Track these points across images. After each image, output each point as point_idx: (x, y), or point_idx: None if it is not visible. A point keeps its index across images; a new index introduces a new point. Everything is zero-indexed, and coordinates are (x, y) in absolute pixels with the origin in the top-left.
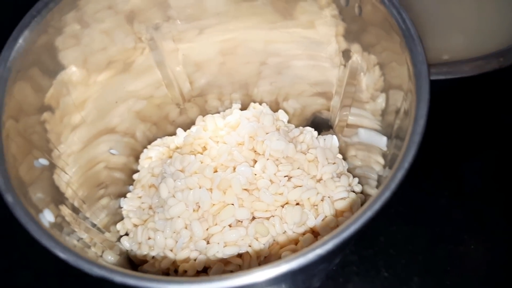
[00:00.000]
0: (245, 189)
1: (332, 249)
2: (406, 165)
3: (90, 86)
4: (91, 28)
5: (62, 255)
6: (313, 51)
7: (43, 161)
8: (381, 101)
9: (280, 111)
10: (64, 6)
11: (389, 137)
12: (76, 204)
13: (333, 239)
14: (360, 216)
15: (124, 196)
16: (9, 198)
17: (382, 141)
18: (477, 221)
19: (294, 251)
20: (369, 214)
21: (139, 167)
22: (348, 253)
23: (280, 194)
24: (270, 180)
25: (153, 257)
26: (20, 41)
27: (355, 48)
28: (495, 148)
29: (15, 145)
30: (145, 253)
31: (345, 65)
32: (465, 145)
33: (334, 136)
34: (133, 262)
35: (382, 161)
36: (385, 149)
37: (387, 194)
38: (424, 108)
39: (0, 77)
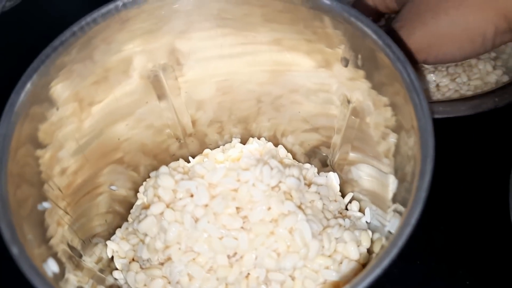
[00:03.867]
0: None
1: None
2: (413, 221)
3: (91, 122)
4: (95, 66)
5: None
6: (316, 91)
7: (46, 205)
8: (390, 141)
9: (280, 146)
10: (71, 50)
11: (399, 180)
12: (70, 241)
13: None
14: (369, 274)
15: None
16: (14, 251)
17: (386, 181)
18: (472, 257)
19: None
20: (378, 271)
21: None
22: None
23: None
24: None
25: None
26: (28, 85)
27: (359, 89)
28: (489, 184)
29: (19, 190)
30: None
31: (347, 104)
32: (459, 180)
33: (335, 174)
34: None
35: (388, 200)
36: (390, 187)
37: (394, 251)
38: (430, 163)
39: (9, 123)
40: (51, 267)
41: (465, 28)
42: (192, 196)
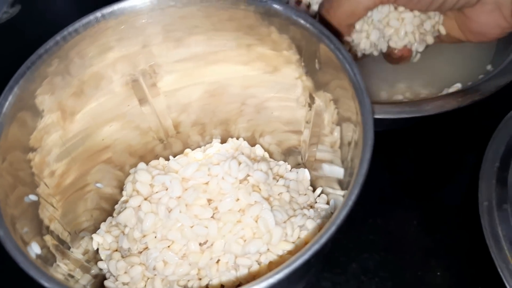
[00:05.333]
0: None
1: (284, 277)
2: (350, 203)
3: (77, 126)
4: (79, 73)
5: (47, 285)
6: (283, 94)
7: (33, 197)
8: (336, 134)
9: (257, 145)
10: (56, 57)
11: (346, 168)
12: (60, 235)
13: (285, 269)
14: (309, 249)
15: None
16: (0, 233)
17: (340, 173)
18: (444, 248)
19: None
20: (316, 247)
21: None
22: (321, 279)
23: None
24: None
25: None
26: (16, 89)
27: (317, 90)
28: (459, 181)
29: (6, 183)
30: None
31: (310, 106)
32: (432, 177)
33: (306, 170)
34: None
35: (340, 191)
36: (340, 176)
37: (331, 230)
38: (368, 152)
39: None
40: (35, 249)
41: None
42: (167, 189)
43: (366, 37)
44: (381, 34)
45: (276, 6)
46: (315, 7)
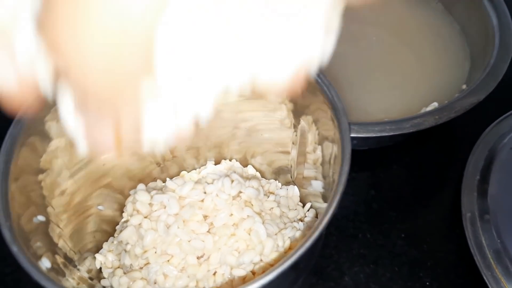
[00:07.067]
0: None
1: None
2: (330, 212)
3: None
4: None
5: None
6: (271, 117)
7: (41, 218)
8: (318, 152)
9: (249, 166)
10: None
11: (328, 183)
12: (67, 253)
13: (273, 272)
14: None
15: None
16: (14, 249)
17: (321, 187)
18: (431, 259)
19: None
20: (299, 253)
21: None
22: None
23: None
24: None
25: None
26: (24, 120)
27: (300, 113)
28: (442, 194)
29: (18, 204)
30: None
31: (295, 128)
32: (417, 191)
33: (295, 187)
34: None
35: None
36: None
37: (314, 236)
38: (346, 165)
39: (8, 151)
40: (45, 264)
41: None
42: (165, 207)
43: None
44: None
45: None
46: None
